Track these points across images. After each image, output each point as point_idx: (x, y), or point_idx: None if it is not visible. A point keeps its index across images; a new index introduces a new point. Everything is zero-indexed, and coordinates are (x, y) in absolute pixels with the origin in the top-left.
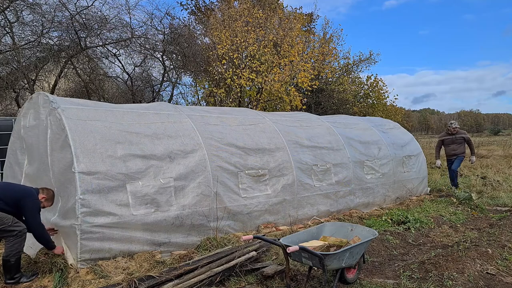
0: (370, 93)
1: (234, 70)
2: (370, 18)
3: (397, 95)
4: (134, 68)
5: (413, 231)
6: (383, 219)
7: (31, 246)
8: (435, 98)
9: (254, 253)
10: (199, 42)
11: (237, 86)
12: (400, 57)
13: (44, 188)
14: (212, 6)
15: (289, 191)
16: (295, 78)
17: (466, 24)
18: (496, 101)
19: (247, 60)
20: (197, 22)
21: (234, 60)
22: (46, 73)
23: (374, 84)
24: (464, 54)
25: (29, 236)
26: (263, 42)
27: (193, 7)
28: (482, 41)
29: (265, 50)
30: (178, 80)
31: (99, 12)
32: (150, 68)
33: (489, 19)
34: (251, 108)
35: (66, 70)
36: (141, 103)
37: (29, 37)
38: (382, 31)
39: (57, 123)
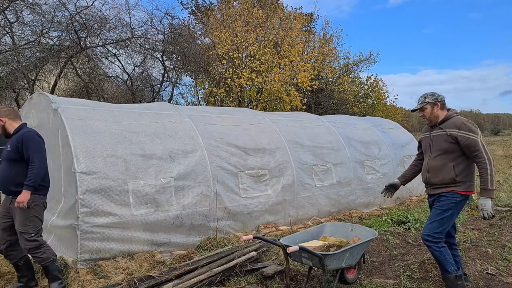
0: (370, 93)
1: (234, 70)
2: (374, 17)
3: (397, 95)
4: (134, 68)
5: (413, 231)
6: (383, 219)
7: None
8: None
9: (254, 253)
10: (199, 42)
11: (237, 86)
12: (402, 56)
13: None
14: (212, 6)
15: (289, 191)
16: (295, 78)
17: (471, 22)
18: (502, 101)
19: (247, 60)
20: (197, 22)
21: (234, 60)
22: (46, 73)
23: (374, 84)
24: (467, 53)
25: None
26: (263, 42)
27: (193, 7)
28: (487, 40)
29: (265, 50)
30: (178, 80)
31: (99, 12)
32: (150, 68)
33: (494, 18)
34: (251, 108)
35: (66, 70)
36: (141, 103)
37: (29, 37)
38: (385, 29)
39: (61, 123)
